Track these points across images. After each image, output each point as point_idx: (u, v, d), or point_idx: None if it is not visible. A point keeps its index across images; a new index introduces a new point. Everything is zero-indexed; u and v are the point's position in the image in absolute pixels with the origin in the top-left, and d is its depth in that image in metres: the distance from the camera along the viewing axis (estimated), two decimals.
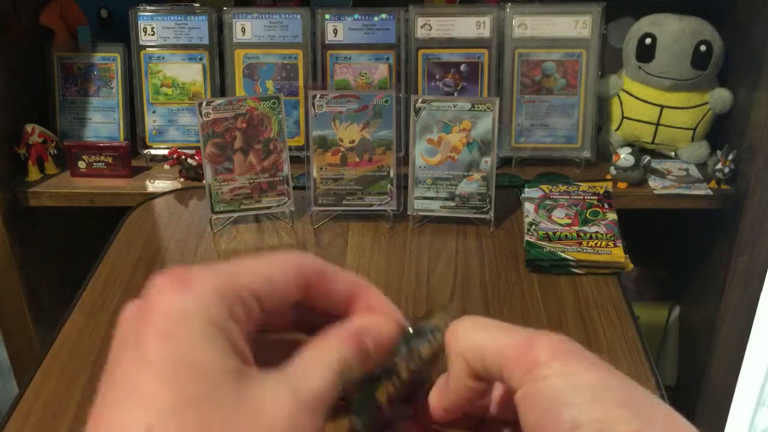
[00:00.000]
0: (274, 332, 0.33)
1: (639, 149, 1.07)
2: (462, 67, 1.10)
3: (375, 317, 0.33)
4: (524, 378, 0.29)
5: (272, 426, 0.27)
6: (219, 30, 1.11)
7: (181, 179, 1.08)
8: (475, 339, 0.31)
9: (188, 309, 0.27)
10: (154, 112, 1.13)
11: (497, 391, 0.35)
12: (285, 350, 0.31)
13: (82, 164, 1.08)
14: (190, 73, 1.12)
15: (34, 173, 1.09)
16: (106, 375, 0.28)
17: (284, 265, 0.31)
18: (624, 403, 0.27)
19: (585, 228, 0.90)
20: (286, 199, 0.94)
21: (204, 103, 0.89)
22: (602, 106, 1.13)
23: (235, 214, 0.95)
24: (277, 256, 0.31)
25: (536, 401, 0.28)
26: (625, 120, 1.11)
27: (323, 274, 0.32)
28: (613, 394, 0.27)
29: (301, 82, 1.11)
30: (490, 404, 0.36)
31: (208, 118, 0.90)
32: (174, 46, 1.11)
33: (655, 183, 1.05)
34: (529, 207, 0.94)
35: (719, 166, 1.03)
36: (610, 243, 0.87)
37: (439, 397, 0.34)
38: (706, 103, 1.08)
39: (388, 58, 1.10)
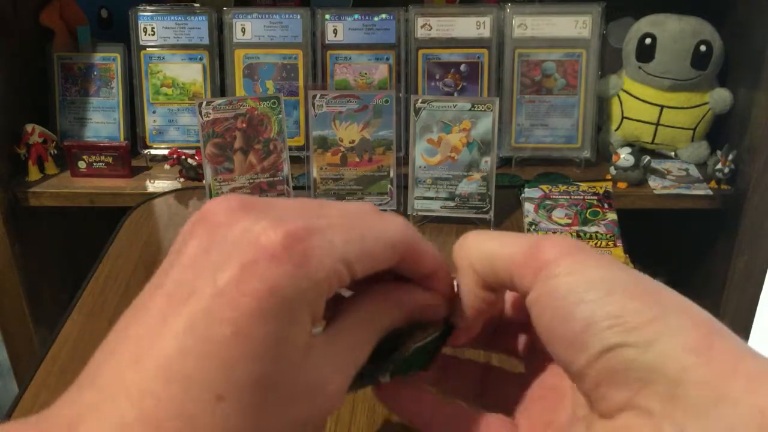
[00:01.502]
0: None
1: (639, 149, 1.07)
2: (462, 67, 1.10)
3: (438, 298, 0.33)
4: (535, 279, 0.28)
5: (324, 404, 0.27)
6: (219, 30, 1.11)
7: (181, 179, 1.08)
8: (483, 249, 0.31)
9: (297, 294, 0.26)
10: (154, 112, 1.13)
11: (508, 297, 0.35)
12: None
13: (82, 164, 1.08)
14: (190, 73, 1.12)
15: (34, 173, 1.09)
16: (178, 277, 0.26)
17: (392, 240, 0.30)
18: (636, 294, 0.26)
19: (585, 228, 0.90)
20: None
21: (204, 103, 0.89)
22: (602, 106, 1.13)
23: None
24: (386, 225, 0.30)
25: (548, 301, 0.28)
26: (625, 120, 1.11)
27: (418, 250, 0.31)
28: (624, 287, 0.27)
29: (301, 82, 1.11)
30: (503, 312, 0.36)
31: (208, 118, 0.90)
32: (174, 46, 1.11)
33: (655, 183, 1.05)
34: (529, 207, 0.94)
35: (719, 166, 1.03)
36: (610, 243, 0.87)
37: (453, 320, 0.34)
38: (706, 103, 1.08)
39: (388, 58, 1.10)
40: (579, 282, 0.27)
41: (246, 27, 1.10)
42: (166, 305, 0.26)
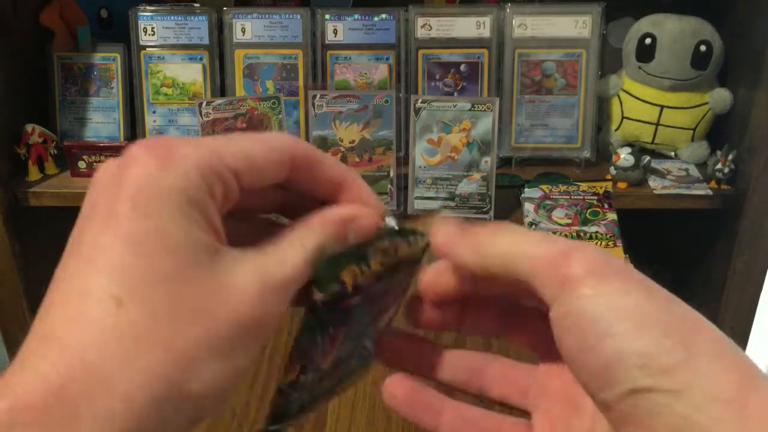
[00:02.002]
0: (254, 211, 0.33)
1: (639, 149, 1.07)
2: (462, 67, 1.10)
3: (359, 207, 0.32)
4: (559, 293, 0.27)
5: (238, 306, 0.27)
6: (219, 30, 1.11)
7: None
8: (503, 241, 0.30)
9: (167, 185, 0.26)
10: (154, 112, 1.13)
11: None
12: (264, 230, 0.31)
13: (82, 164, 1.08)
14: (190, 73, 1.12)
15: (34, 173, 1.09)
16: (72, 239, 0.28)
17: (272, 145, 0.30)
18: (668, 330, 0.25)
19: (585, 228, 0.90)
20: None
21: (204, 103, 0.89)
22: (602, 106, 1.13)
23: None
24: (267, 136, 0.30)
25: (573, 325, 0.27)
26: (625, 120, 1.11)
27: (312, 158, 0.31)
28: (656, 321, 0.26)
29: (301, 82, 1.11)
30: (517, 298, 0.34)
31: (208, 118, 0.90)
32: (174, 46, 1.11)
33: (655, 183, 1.05)
34: (529, 207, 0.94)
35: (719, 166, 1.03)
36: (610, 243, 0.87)
37: (429, 281, 0.33)
38: (706, 103, 1.08)
39: (388, 58, 1.10)
40: (608, 310, 0.26)
41: (246, 27, 1.10)
42: (62, 261, 0.28)
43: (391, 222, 0.33)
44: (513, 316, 0.35)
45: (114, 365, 0.24)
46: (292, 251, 0.29)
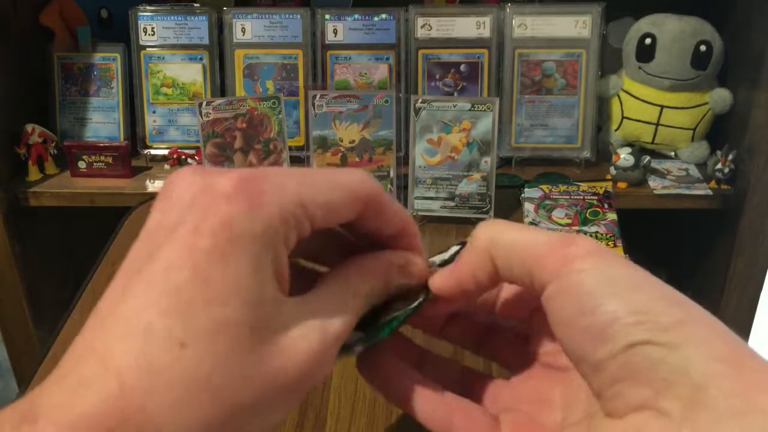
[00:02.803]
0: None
1: (639, 149, 1.07)
2: (462, 67, 1.10)
3: (411, 254, 0.32)
4: (557, 272, 0.27)
5: (298, 360, 0.26)
6: (219, 30, 1.11)
7: None
8: (507, 236, 0.30)
9: (250, 230, 0.25)
10: (154, 112, 1.13)
11: (504, 292, 0.35)
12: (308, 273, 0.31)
13: (82, 164, 1.08)
14: (190, 73, 1.12)
15: (34, 173, 1.09)
16: (141, 244, 0.27)
17: (351, 186, 0.29)
18: (663, 296, 0.26)
19: (585, 228, 0.90)
20: None
21: (204, 103, 0.89)
22: (602, 106, 1.13)
23: None
24: (346, 175, 0.30)
25: (571, 294, 0.27)
26: (625, 120, 1.11)
27: (382, 204, 0.31)
28: (651, 287, 0.26)
29: (301, 82, 1.11)
30: (495, 306, 0.35)
31: (208, 118, 0.90)
32: (174, 46, 1.11)
33: (655, 183, 1.05)
34: (529, 207, 0.94)
35: (719, 166, 1.03)
36: (610, 243, 0.87)
37: (442, 282, 0.33)
38: (706, 103, 1.08)
39: (388, 58, 1.10)
40: (605, 278, 0.27)
41: (246, 27, 1.10)
42: (124, 277, 0.26)
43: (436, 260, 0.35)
44: (491, 333, 0.36)
45: (165, 412, 0.24)
46: (352, 301, 0.30)
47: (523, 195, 0.97)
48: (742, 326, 1.08)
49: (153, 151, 1.13)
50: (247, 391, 0.25)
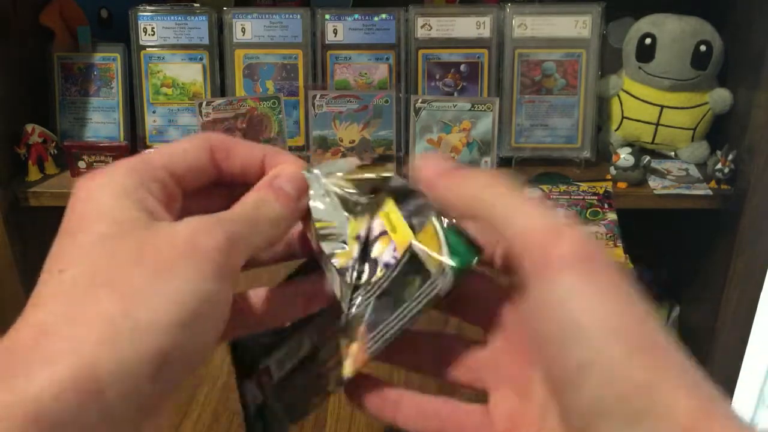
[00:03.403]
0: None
1: (639, 149, 1.07)
2: (462, 67, 1.10)
3: (281, 166, 0.34)
4: (540, 274, 0.27)
5: (176, 240, 0.28)
6: (219, 30, 1.11)
7: None
8: (494, 193, 0.29)
9: (103, 183, 0.30)
10: (154, 112, 1.13)
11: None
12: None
13: (82, 164, 1.08)
14: (190, 73, 1.12)
15: (34, 173, 1.09)
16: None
17: (192, 142, 0.33)
18: (641, 345, 0.26)
19: (585, 228, 0.90)
20: None
21: (204, 103, 0.89)
22: (602, 106, 1.13)
23: None
24: (185, 137, 0.34)
25: (549, 319, 0.27)
26: (625, 120, 1.11)
27: (232, 144, 0.34)
28: (632, 333, 0.26)
29: (301, 82, 1.11)
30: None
31: (208, 118, 0.90)
32: (174, 46, 1.11)
33: (655, 183, 1.05)
34: None
35: (719, 166, 1.03)
36: (610, 243, 0.88)
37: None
38: (706, 103, 1.08)
39: (388, 58, 1.10)
40: (587, 314, 0.26)
41: (246, 27, 1.10)
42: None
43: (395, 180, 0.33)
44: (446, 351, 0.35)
45: (60, 319, 0.26)
46: (234, 209, 0.31)
47: None
48: (743, 326, 1.08)
49: None
50: (134, 272, 0.27)
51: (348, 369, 0.32)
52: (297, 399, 0.35)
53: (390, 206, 0.32)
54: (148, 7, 1.11)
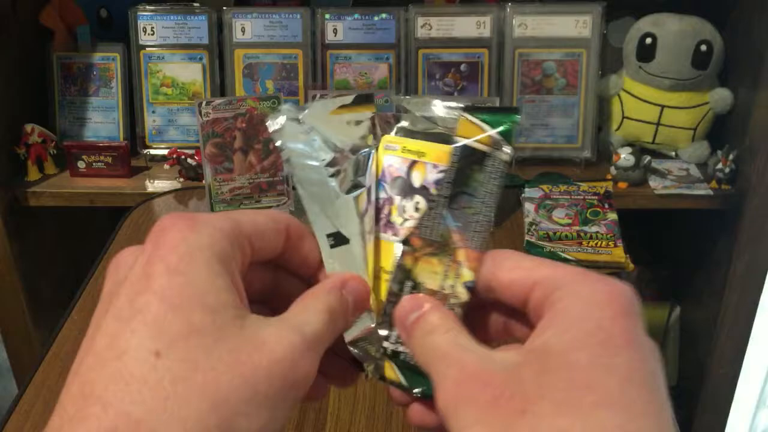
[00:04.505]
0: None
1: (639, 149, 1.06)
2: (462, 67, 1.09)
3: (348, 275, 0.34)
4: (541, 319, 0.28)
5: (274, 359, 0.27)
6: (219, 30, 1.11)
7: (181, 179, 1.07)
8: (422, 350, 0.31)
9: (198, 244, 0.28)
10: (153, 111, 1.13)
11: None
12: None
13: (81, 164, 1.08)
14: (190, 73, 1.12)
15: (33, 173, 1.09)
16: (109, 302, 0.28)
17: (275, 219, 0.32)
18: (606, 400, 0.25)
19: (585, 228, 0.90)
20: (286, 198, 0.94)
21: (204, 103, 0.89)
22: (602, 106, 1.13)
23: None
24: (269, 210, 0.34)
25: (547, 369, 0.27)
26: (625, 120, 1.11)
27: (304, 236, 0.34)
28: (599, 391, 0.25)
29: (301, 82, 1.11)
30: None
31: (207, 118, 0.90)
32: (174, 46, 1.11)
33: (655, 183, 1.05)
34: (529, 207, 0.94)
35: (720, 166, 1.03)
36: (610, 243, 0.87)
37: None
38: (707, 103, 1.08)
39: (388, 58, 1.10)
40: (567, 351, 0.27)
41: (246, 27, 1.10)
42: (93, 324, 0.28)
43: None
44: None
45: (156, 417, 0.24)
46: (312, 312, 0.31)
47: (523, 195, 0.97)
48: (743, 326, 1.08)
49: (152, 151, 1.13)
50: (231, 383, 0.26)
51: (467, 274, 0.33)
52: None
53: (398, 140, 0.35)
54: (147, 7, 1.10)
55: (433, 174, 0.34)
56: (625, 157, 1.03)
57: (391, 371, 0.33)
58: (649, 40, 1.07)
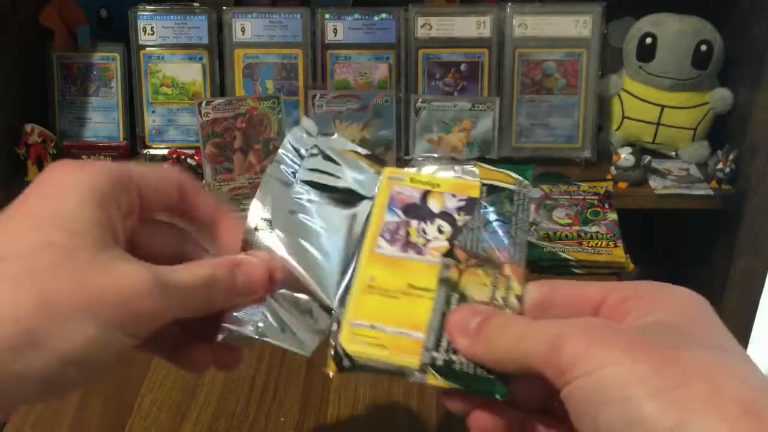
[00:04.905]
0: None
1: (639, 149, 1.06)
2: (462, 67, 1.09)
3: (254, 259, 0.35)
4: (560, 382, 0.28)
5: (115, 284, 0.29)
6: (219, 29, 1.11)
7: None
8: (506, 338, 0.31)
9: (75, 180, 0.31)
10: (153, 111, 1.13)
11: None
12: None
13: None
14: (190, 73, 1.12)
15: (33, 173, 1.09)
16: None
17: (168, 173, 0.35)
18: (655, 393, 0.26)
19: (585, 228, 0.90)
20: None
21: (204, 103, 0.89)
22: (602, 106, 1.13)
23: None
24: (163, 166, 0.35)
25: (574, 406, 0.28)
26: (625, 120, 1.11)
27: (196, 189, 0.37)
28: (642, 386, 0.26)
29: (301, 82, 1.10)
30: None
31: (207, 118, 0.90)
32: (173, 46, 1.11)
33: (655, 183, 1.05)
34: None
35: (720, 166, 1.03)
36: (610, 243, 0.87)
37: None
38: (707, 103, 1.08)
39: (388, 58, 1.10)
40: (599, 386, 0.27)
41: (246, 26, 1.10)
42: None
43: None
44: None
45: None
46: (187, 272, 0.32)
47: None
48: (743, 326, 1.08)
49: (152, 151, 1.13)
50: (66, 291, 0.28)
51: (518, 287, 0.34)
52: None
53: (402, 171, 0.39)
54: (147, 7, 1.10)
55: (453, 202, 0.37)
56: (625, 157, 1.03)
57: (434, 379, 0.33)
58: (649, 40, 1.07)
